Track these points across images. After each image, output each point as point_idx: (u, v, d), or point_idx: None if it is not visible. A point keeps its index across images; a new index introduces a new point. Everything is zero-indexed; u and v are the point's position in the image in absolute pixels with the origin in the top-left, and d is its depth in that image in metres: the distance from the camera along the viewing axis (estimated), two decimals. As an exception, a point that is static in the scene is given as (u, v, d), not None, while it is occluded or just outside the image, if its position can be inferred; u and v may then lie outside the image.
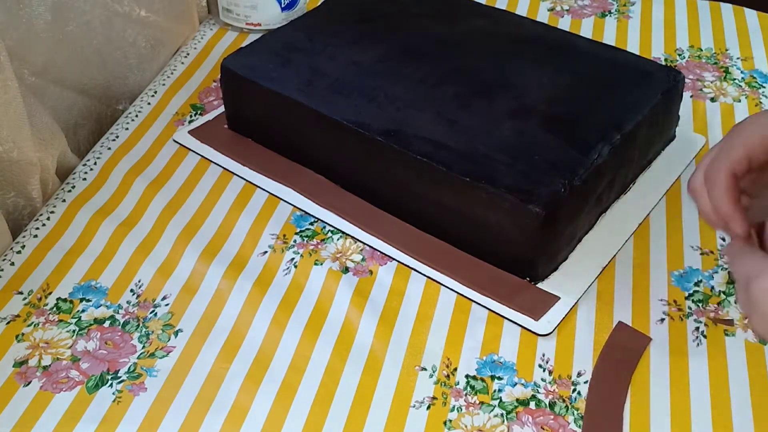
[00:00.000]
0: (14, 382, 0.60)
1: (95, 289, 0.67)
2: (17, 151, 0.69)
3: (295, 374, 0.61)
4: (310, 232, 0.73)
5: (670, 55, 0.95)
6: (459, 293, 0.67)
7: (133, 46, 0.89)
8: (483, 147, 0.68)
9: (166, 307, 0.66)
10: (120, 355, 0.62)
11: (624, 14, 1.03)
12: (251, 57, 0.79)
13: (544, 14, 1.03)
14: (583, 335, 0.64)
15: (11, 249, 0.71)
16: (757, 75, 0.92)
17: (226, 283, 0.68)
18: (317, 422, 0.58)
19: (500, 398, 0.60)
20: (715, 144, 0.52)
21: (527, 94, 0.73)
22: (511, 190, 0.64)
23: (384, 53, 0.78)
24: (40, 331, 0.64)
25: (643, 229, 0.72)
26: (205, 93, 0.89)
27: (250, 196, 0.76)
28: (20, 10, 0.73)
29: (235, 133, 0.82)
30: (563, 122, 0.70)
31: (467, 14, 0.84)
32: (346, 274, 0.69)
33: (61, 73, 0.81)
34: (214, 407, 0.59)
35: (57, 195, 0.76)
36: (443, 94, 0.73)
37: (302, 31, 0.82)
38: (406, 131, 0.69)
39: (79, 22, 0.81)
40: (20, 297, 0.67)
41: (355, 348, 0.63)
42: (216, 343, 0.63)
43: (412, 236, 0.71)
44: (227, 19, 0.99)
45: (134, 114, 0.86)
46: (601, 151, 0.67)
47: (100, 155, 0.81)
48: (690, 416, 0.58)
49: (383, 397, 0.60)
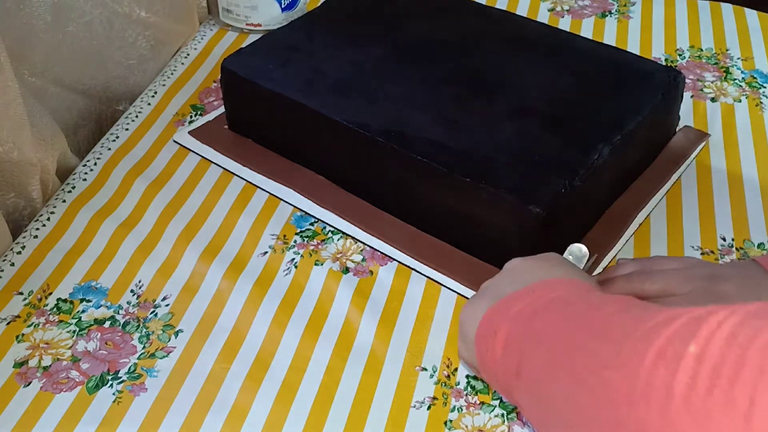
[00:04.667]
0: (14, 382, 0.60)
1: (95, 290, 0.67)
2: (17, 151, 0.69)
3: (296, 374, 0.61)
4: (311, 232, 0.73)
5: (670, 55, 0.95)
6: (459, 293, 0.67)
7: (133, 46, 0.89)
8: (483, 147, 0.68)
9: (166, 308, 0.66)
10: (120, 355, 0.62)
11: (624, 14, 1.03)
12: (251, 57, 0.79)
13: (545, 14, 1.03)
14: (583, 335, 0.64)
15: (11, 249, 0.71)
16: (758, 75, 0.92)
17: (227, 283, 0.68)
18: (317, 422, 0.58)
19: (501, 398, 0.60)
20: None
21: (527, 94, 0.73)
22: (511, 190, 0.64)
23: (384, 53, 0.78)
24: (41, 331, 0.64)
25: (643, 229, 0.72)
26: (206, 93, 0.89)
27: (250, 197, 0.76)
28: (20, 10, 0.73)
29: (235, 134, 0.82)
30: (563, 122, 0.70)
31: (467, 14, 0.84)
32: (346, 275, 0.69)
33: (61, 74, 0.81)
34: (214, 407, 0.59)
35: (57, 195, 0.76)
36: (443, 94, 0.73)
37: (302, 32, 0.82)
38: (406, 131, 0.69)
39: (79, 23, 0.81)
40: (20, 297, 0.67)
41: (356, 348, 0.63)
42: (216, 343, 0.63)
43: (412, 236, 0.71)
44: (227, 20, 0.99)
45: (134, 114, 0.86)
46: (602, 151, 0.67)
47: (100, 156, 0.81)
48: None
49: (384, 398, 0.60)
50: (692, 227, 0.73)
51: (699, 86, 0.90)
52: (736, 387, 0.30)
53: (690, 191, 0.77)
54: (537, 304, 0.47)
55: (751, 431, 0.29)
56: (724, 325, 0.32)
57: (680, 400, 0.31)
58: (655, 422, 0.33)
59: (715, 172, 0.79)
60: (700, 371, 0.31)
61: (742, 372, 0.30)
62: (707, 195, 0.76)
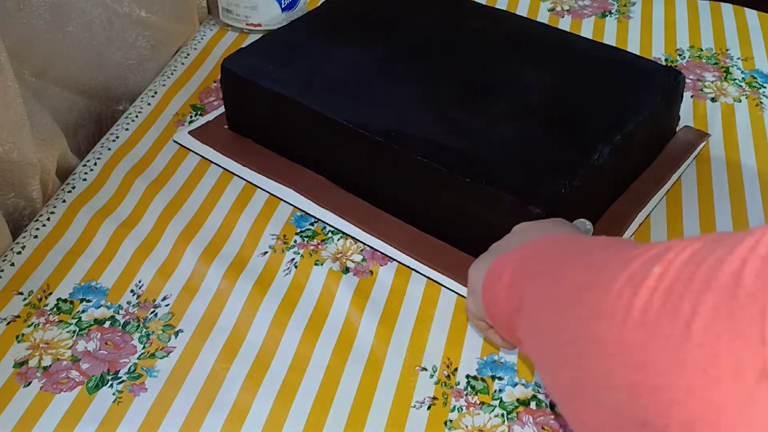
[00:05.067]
0: (14, 382, 0.60)
1: (95, 290, 0.67)
2: (17, 151, 0.69)
3: (296, 374, 0.61)
4: (311, 232, 0.73)
5: (670, 55, 0.95)
6: (459, 294, 0.67)
7: (133, 46, 0.89)
8: (483, 147, 0.68)
9: (166, 308, 0.66)
10: (120, 355, 0.62)
11: (624, 14, 1.03)
12: (251, 57, 0.79)
13: (545, 14, 1.03)
14: (583, 335, 0.64)
15: (11, 249, 0.71)
16: (758, 75, 0.92)
17: (227, 283, 0.68)
18: (318, 422, 0.58)
19: (501, 398, 0.60)
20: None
21: (527, 95, 0.73)
22: (511, 190, 0.64)
23: (384, 53, 0.78)
24: (41, 331, 0.64)
25: (643, 229, 0.72)
26: (206, 93, 0.89)
27: (250, 197, 0.76)
28: (20, 11, 0.73)
29: (236, 134, 0.82)
30: (563, 122, 0.70)
31: (467, 14, 0.84)
32: (346, 275, 0.69)
33: (61, 74, 0.81)
34: (214, 407, 0.59)
35: (57, 195, 0.76)
36: (443, 94, 0.73)
37: (302, 32, 0.82)
38: (406, 131, 0.69)
39: (79, 23, 0.81)
40: (20, 297, 0.67)
41: (356, 348, 0.63)
42: (216, 343, 0.63)
43: (412, 236, 0.71)
44: (227, 20, 0.99)
45: (134, 114, 0.86)
46: (602, 151, 0.67)
47: (100, 156, 0.81)
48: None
49: (384, 397, 0.60)
50: (692, 227, 0.73)
51: (699, 86, 0.90)
52: (684, 299, 0.32)
53: (690, 191, 0.77)
54: (538, 248, 0.50)
55: (689, 336, 0.31)
56: (688, 249, 0.34)
57: (637, 315, 0.33)
58: (613, 338, 0.35)
59: (715, 173, 0.79)
60: (658, 288, 0.33)
61: (690, 285, 0.32)
62: (707, 195, 0.76)
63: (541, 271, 0.47)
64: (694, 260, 0.33)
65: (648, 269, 0.34)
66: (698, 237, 0.35)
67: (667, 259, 0.34)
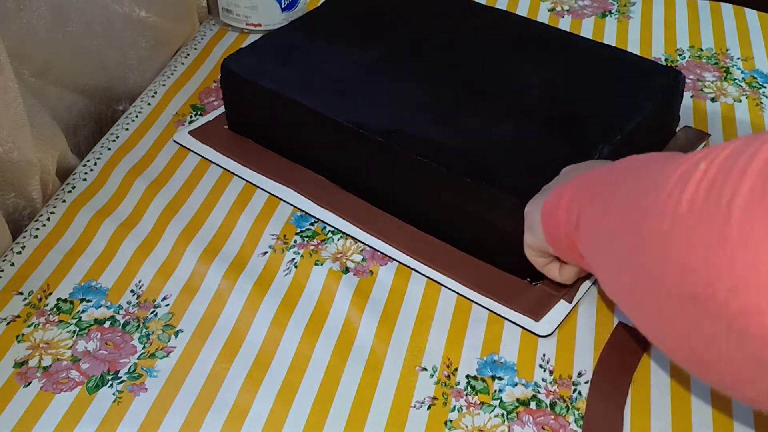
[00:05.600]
0: (14, 382, 0.60)
1: (95, 290, 0.67)
2: (17, 151, 0.69)
3: (296, 374, 0.61)
4: (311, 232, 0.73)
5: (670, 55, 0.95)
6: (459, 294, 0.67)
7: (133, 46, 0.89)
8: (483, 147, 0.68)
9: (166, 308, 0.66)
10: (120, 355, 0.62)
11: (624, 14, 1.03)
12: (251, 57, 0.79)
13: (545, 14, 1.03)
14: (583, 335, 0.64)
15: (11, 249, 0.71)
16: (758, 75, 0.92)
17: (227, 283, 0.68)
18: (318, 422, 0.58)
19: (501, 398, 0.60)
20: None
21: (527, 94, 0.73)
22: (511, 190, 0.64)
23: (384, 53, 0.78)
24: (41, 331, 0.64)
25: (643, 229, 0.72)
26: (206, 93, 0.89)
27: (250, 197, 0.76)
28: (20, 11, 0.73)
29: (236, 134, 0.82)
30: (563, 122, 0.70)
31: (467, 14, 0.84)
32: (346, 275, 0.69)
33: (61, 74, 0.81)
34: (214, 407, 0.59)
35: (57, 195, 0.76)
36: (443, 94, 0.73)
37: (302, 32, 0.82)
38: (406, 131, 0.69)
39: (79, 23, 0.81)
40: (20, 297, 0.67)
41: (356, 348, 0.63)
42: (216, 343, 0.63)
43: (412, 236, 0.71)
44: (227, 20, 0.99)
45: (134, 114, 0.86)
46: (602, 151, 0.67)
47: (100, 156, 0.81)
48: (691, 417, 0.58)
49: (384, 398, 0.60)
50: (692, 227, 0.73)
51: (699, 86, 0.90)
52: (725, 186, 0.37)
53: (690, 191, 0.76)
54: (592, 174, 0.54)
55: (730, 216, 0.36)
56: (729, 146, 0.39)
57: (686, 206, 0.38)
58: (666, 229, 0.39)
59: (715, 172, 0.79)
60: (703, 180, 0.38)
61: (730, 175, 0.37)
62: (707, 195, 0.76)
63: (599, 191, 0.51)
64: (734, 154, 0.38)
65: (695, 167, 0.39)
66: (738, 138, 0.39)
67: (711, 156, 0.39)
